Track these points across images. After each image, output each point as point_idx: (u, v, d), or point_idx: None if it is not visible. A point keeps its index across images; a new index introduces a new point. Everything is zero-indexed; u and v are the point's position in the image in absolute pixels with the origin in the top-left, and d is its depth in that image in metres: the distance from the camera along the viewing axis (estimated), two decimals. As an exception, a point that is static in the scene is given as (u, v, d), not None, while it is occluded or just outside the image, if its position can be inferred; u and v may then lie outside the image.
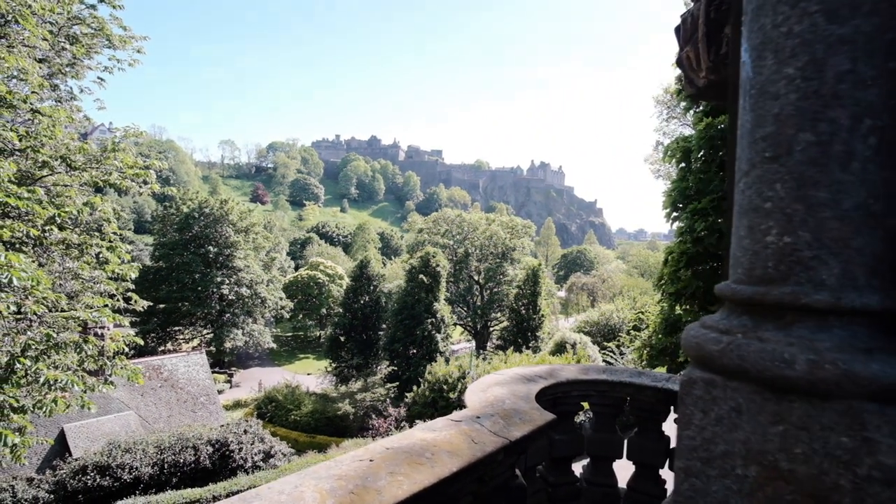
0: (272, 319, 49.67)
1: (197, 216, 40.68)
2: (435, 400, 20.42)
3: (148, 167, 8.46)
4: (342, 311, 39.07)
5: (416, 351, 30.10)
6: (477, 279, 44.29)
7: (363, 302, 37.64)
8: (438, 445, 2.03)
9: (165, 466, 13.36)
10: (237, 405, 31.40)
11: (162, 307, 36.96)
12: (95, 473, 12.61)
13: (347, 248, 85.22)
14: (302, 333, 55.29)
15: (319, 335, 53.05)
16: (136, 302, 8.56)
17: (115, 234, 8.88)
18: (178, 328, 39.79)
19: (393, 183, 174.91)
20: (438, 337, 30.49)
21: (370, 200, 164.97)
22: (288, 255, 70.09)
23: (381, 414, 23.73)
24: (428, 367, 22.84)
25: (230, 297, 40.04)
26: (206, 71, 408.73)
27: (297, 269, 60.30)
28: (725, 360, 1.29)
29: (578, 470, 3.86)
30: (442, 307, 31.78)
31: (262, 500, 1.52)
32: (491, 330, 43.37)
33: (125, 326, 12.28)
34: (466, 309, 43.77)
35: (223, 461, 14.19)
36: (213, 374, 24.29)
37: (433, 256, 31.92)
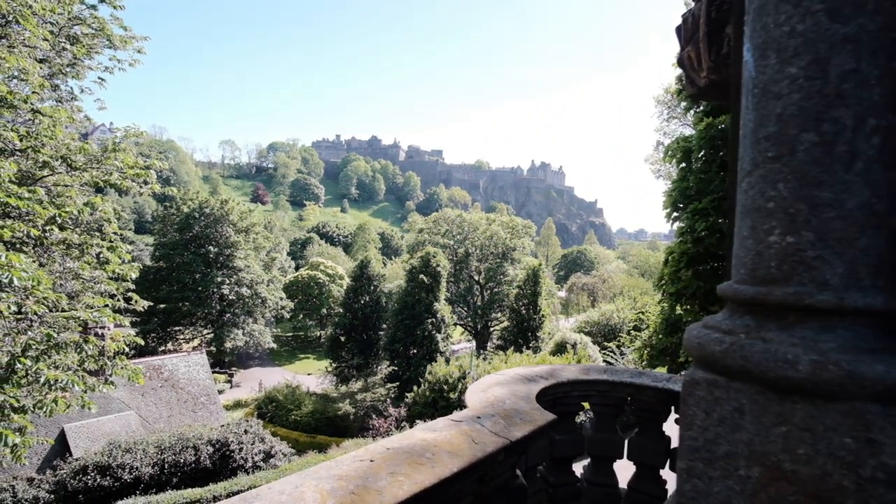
0: (272, 319, 49.69)
1: (197, 216, 40.71)
2: (435, 400, 20.43)
3: (148, 167, 8.46)
4: (342, 311, 39.09)
5: (416, 351, 30.10)
6: (477, 279, 44.30)
7: (363, 302, 37.66)
8: (439, 446, 2.02)
9: (166, 466, 13.37)
10: (237, 405, 31.41)
11: (162, 307, 36.99)
12: (96, 473, 12.62)
13: (348, 248, 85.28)
14: (302, 333, 55.32)
15: (320, 335, 53.08)
16: (136, 302, 8.57)
17: (115, 234, 8.88)
18: (178, 328, 39.82)
19: (393, 183, 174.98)
20: (439, 337, 30.49)
21: (370, 200, 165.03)
22: (288, 255, 70.14)
23: (381, 414, 23.74)
24: (428, 367, 22.85)
25: (230, 297, 40.07)
26: (206, 71, 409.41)
27: (297, 269, 60.35)
28: (728, 360, 1.28)
29: (579, 470, 3.86)
30: (442, 307, 31.79)
31: (262, 500, 1.51)
32: (491, 330, 43.37)
33: (125, 326, 12.27)
34: (467, 309, 43.77)
35: (223, 461, 14.19)
36: (213, 374, 24.31)
37: (433, 256, 31.93)
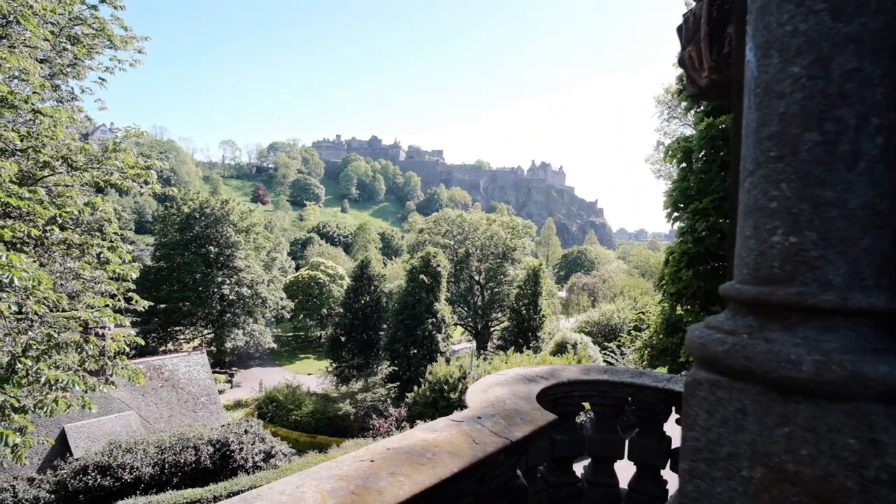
0: (273, 319, 49.71)
1: (198, 216, 40.73)
2: (436, 400, 20.43)
3: (149, 167, 8.47)
4: (343, 311, 39.09)
5: (416, 351, 30.10)
6: (478, 279, 44.29)
7: (364, 302, 37.66)
8: (439, 446, 2.02)
9: (166, 466, 13.38)
10: (238, 405, 31.42)
11: (163, 307, 37.00)
12: (96, 473, 12.62)
13: (348, 248, 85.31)
14: (303, 333, 55.33)
15: (320, 335, 53.09)
16: (136, 302, 8.57)
17: (116, 234, 8.89)
18: (178, 328, 39.84)
19: (394, 183, 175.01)
20: (439, 337, 30.49)
21: (371, 200, 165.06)
22: (289, 255, 70.15)
23: (381, 414, 23.74)
24: (429, 367, 22.85)
25: (231, 297, 40.09)
26: (207, 71, 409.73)
27: (297, 269, 60.37)
28: (731, 360, 1.28)
29: (580, 470, 3.85)
30: (443, 307, 31.78)
31: (263, 500, 1.51)
32: (492, 330, 43.36)
33: (126, 326, 12.28)
34: (467, 309, 43.77)
35: (224, 461, 14.20)
36: (213, 374, 24.33)
37: (434, 256, 31.93)
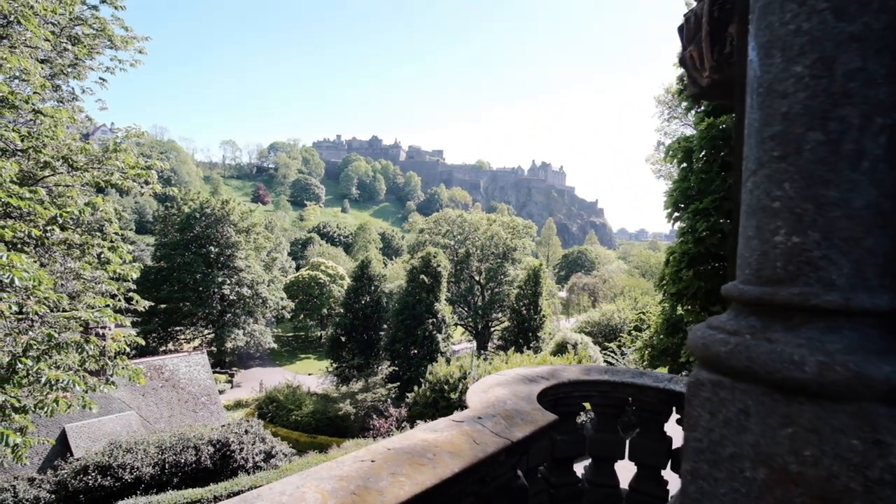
0: (273, 319, 49.72)
1: (198, 216, 40.74)
2: (436, 400, 20.42)
3: (149, 167, 8.47)
4: (343, 311, 39.09)
5: (417, 351, 30.10)
6: (478, 279, 44.29)
7: (364, 302, 37.66)
8: (440, 446, 2.02)
9: (166, 466, 13.38)
10: (238, 405, 31.42)
11: (163, 307, 37.01)
12: (97, 473, 12.63)
13: (348, 248, 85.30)
14: (303, 333, 55.34)
15: (320, 335, 53.10)
16: (137, 302, 8.58)
17: (116, 234, 8.90)
18: (179, 328, 39.85)
19: (394, 183, 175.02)
20: (439, 337, 30.49)
21: (371, 201, 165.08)
22: (289, 255, 70.17)
23: (382, 414, 23.73)
24: (429, 367, 22.85)
25: (231, 297, 40.11)
26: (207, 71, 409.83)
27: (298, 269, 60.37)
28: (734, 361, 1.27)
29: (580, 471, 3.85)
30: (443, 307, 31.78)
31: (263, 500, 1.51)
32: (492, 330, 43.35)
33: (126, 326, 12.29)
34: (467, 309, 43.76)
35: (224, 461, 14.20)
36: (214, 374, 24.33)
37: (434, 256, 31.93)
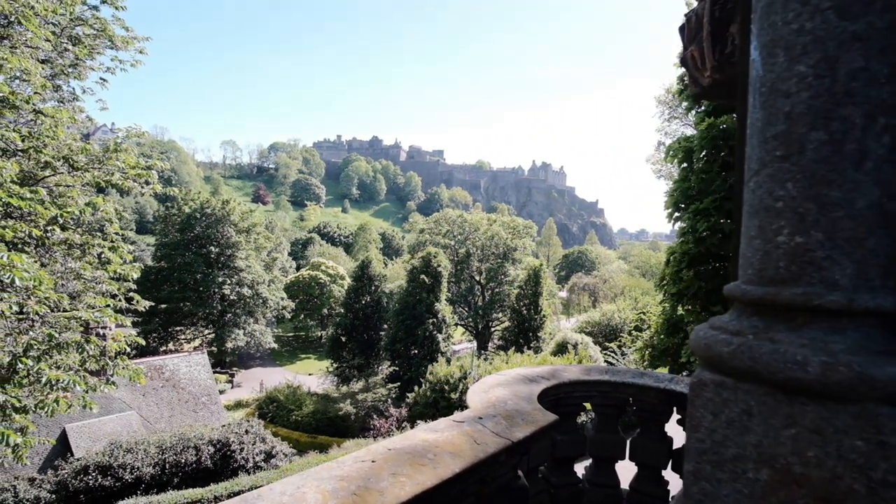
0: (274, 319, 49.75)
1: (199, 216, 40.77)
2: (436, 400, 20.42)
3: (150, 167, 8.47)
4: (343, 311, 39.09)
5: (417, 351, 30.10)
6: (478, 279, 44.28)
7: (364, 302, 37.66)
8: (441, 446, 2.01)
9: (167, 466, 13.38)
10: (239, 405, 31.42)
11: (164, 307, 37.04)
12: (97, 473, 12.63)
13: (349, 248, 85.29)
14: (303, 333, 55.35)
15: (321, 335, 53.11)
16: (137, 302, 8.58)
17: (116, 234, 8.90)
18: (179, 328, 39.87)
19: (394, 183, 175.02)
20: (440, 337, 30.48)
21: (371, 201, 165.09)
22: (289, 255, 70.22)
23: (382, 414, 23.73)
24: (429, 367, 22.85)
25: (232, 297, 40.12)
26: (208, 72, 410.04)
27: (298, 269, 60.38)
28: (736, 361, 1.27)
29: (581, 471, 3.84)
30: (443, 307, 31.78)
31: (264, 500, 1.50)
32: (492, 330, 43.35)
33: (127, 326, 12.28)
34: (468, 309, 43.76)
35: (224, 461, 14.20)
36: (214, 374, 24.34)
37: (434, 256, 31.93)
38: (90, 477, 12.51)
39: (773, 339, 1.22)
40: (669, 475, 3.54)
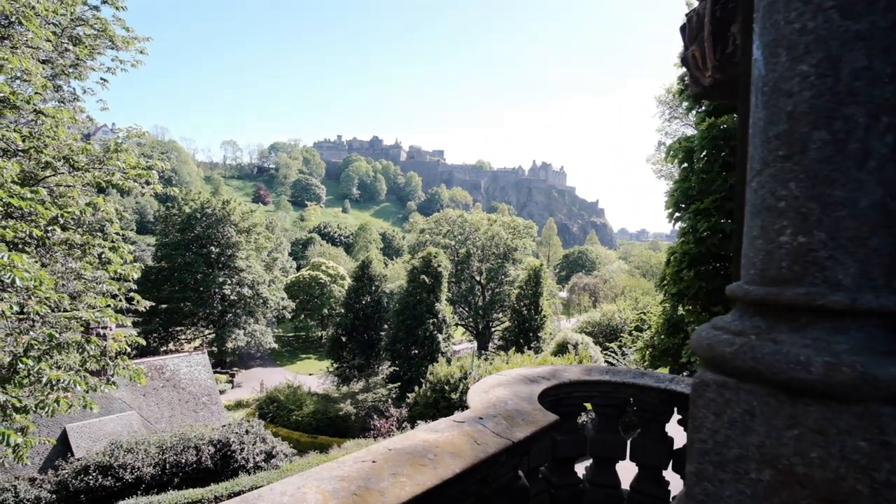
0: (274, 319, 49.76)
1: (199, 217, 40.80)
2: (437, 400, 20.42)
3: (150, 168, 8.48)
4: (344, 311, 39.11)
5: (417, 351, 30.10)
6: (479, 279, 44.29)
7: (365, 302, 37.67)
8: (441, 446, 2.01)
9: (167, 466, 13.39)
10: (239, 405, 31.43)
11: (164, 307, 37.07)
12: (97, 473, 12.64)
13: (349, 248, 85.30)
14: (304, 334, 55.36)
15: (321, 335, 53.12)
16: (138, 302, 8.58)
17: (117, 234, 8.91)
18: (180, 328, 39.91)
19: (395, 183, 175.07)
20: (440, 337, 30.49)
21: (372, 201, 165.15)
22: (290, 255, 70.27)
23: (382, 414, 23.73)
24: (429, 367, 22.85)
25: (232, 297, 40.15)
26: (208, 72, 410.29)
27: (298, 269, 60.39)
28: (739, 361, 1.27)
29: (581, 471, 3.84)
30: (443, 307, 31.78)
31: (264, 500, 1.50)
32: (493, 330, 43.35)
33: (127, 327, 12.29)
34: (468, 309, 43.76)
35: (225, 461, 14.21)
36: (214, 374, 24.35)
37: (435, 257, 31.94)
38: (91, 477, 12.52)
39: (775, 339, 1.22)
40: (670, 475, 3.54)
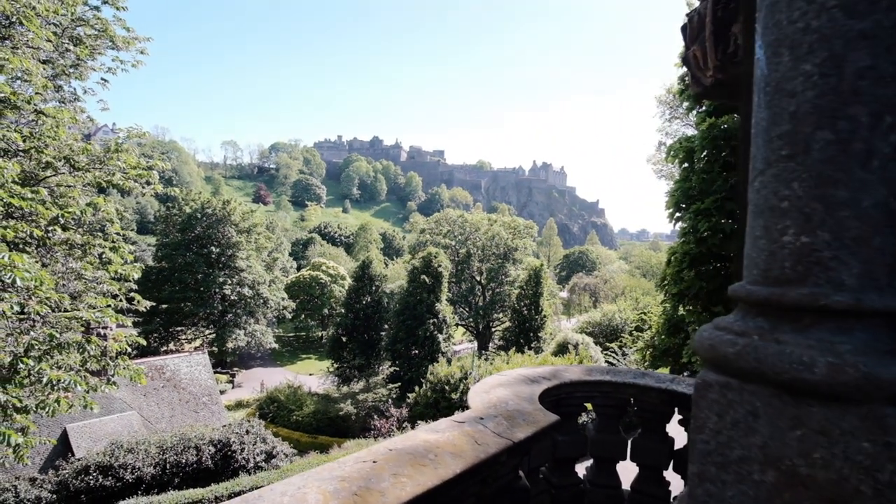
0: (274, 320, 49.78)
1: (199, 217, 40.83)
2: (437, 400, 20.43)
3: (151, 168, 8.48)
4: (344, 311, 39.13)
5: (417, 351, 30.11)
6: (479, 279, 44.29)
7: (365, 302, 37.68)
8: (442, 447, 2.01)
9: (168, 467, 13.39)
10: (239, 405, 31.44)
11: (164, 307, 37.10)
12: (98, 473, 12.65)
13: (349, 248, 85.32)
14: (304, 334, 55.38)
15: (321, 335, 53.15)
16: (138, 302, 8.59)
17: (117, 234, 8.93)
18: (180, 328, 39.94)
19: (395, 183, 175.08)
20: (440, 337, 30.49)
21: (372, 201, 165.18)
22: (290, 255, 70.27)
23: (383, 414, 23.74)
24: (430, 367, 22.86)
25: (232, 297, 40.17)
26: (209, 72, 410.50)
27: (299, 269, 60.42)
28: (742, 362, 1.26)
29: (582, 471, 3.83)
30: (444, 307, 31.79)
31: (265, 501, 1.50)
32: (493, 330, 43.35)
33: (128, 327, 12.30)
34: (468, 309, 43.76)
35: (225, 461, 14.21)
36: (215, 374, 24.36)
37: (435, 257, 31.94)
38: (91, 477, 12.52)
39: (778, 339, 1.22)
40: (671, 476, 3.54)
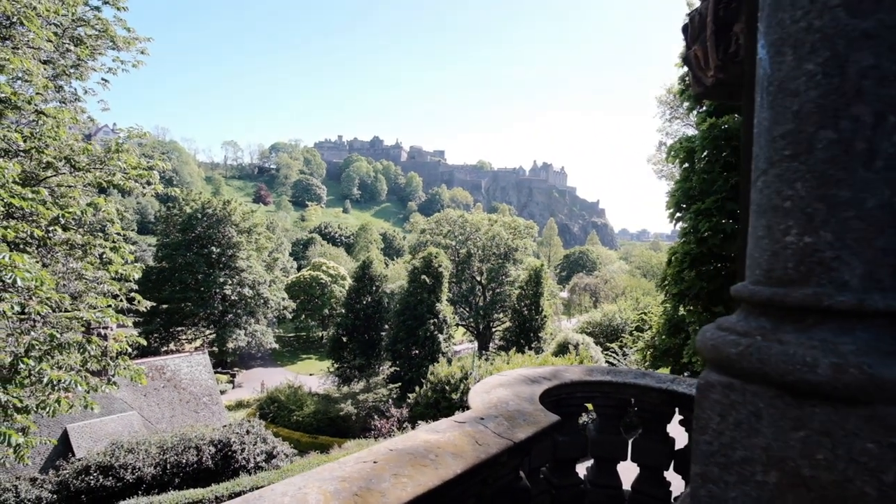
0: (275, 320, 49.82)
1: (200, 217, 40.87)
2: (437, 401, 20.43)
3: (151, 168, 8.49)
4: (344, 311, 39.16)
5: (418, 351, 30.12)
6: (479, 280, 44.29)
7: (365, 302, 37.70)
8: (442, 447, 2.01)
9: (168, 467, 13.40)
10: (240, 405, 31.46)
11: (165, 307, 37.16)
12: (98, 473, 12.65)
13: (350, 248, 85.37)
14: (304, 334, 55.41)
15: (322, 336, 53.18)
16: (139, 302, 8.59)
17: (118, 234, 8.94)
18: (180, 328, 39.98)
19: (395, 183, 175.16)
20: (441, 337, 30.50)
21: (372, 201, 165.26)
22: (290, 255, 70.32)
23: (383, 415, 23.75)
24: (430, 367, 22.87)
25: (233, 297, 40.20)
26: (209, 72, 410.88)
27: (299, 269, 60.47)
28: (744, 362, 1.26)
29: (582, 472, 3.83)
30: (444, 308, 31.80)
31: (265, 501, 1.50)
32: (493, 330, 43.36)
33: (128, 327, 12.29)
34: (469, 309, 43.77)
35: (226, 462, 14.22)
36: (215, 374, 24.38)
37: (435, 257, 31.96)
38: (91, 477, 12.53)
39: (781, 340, 1.21)
40: (671, 476, 3.53)
